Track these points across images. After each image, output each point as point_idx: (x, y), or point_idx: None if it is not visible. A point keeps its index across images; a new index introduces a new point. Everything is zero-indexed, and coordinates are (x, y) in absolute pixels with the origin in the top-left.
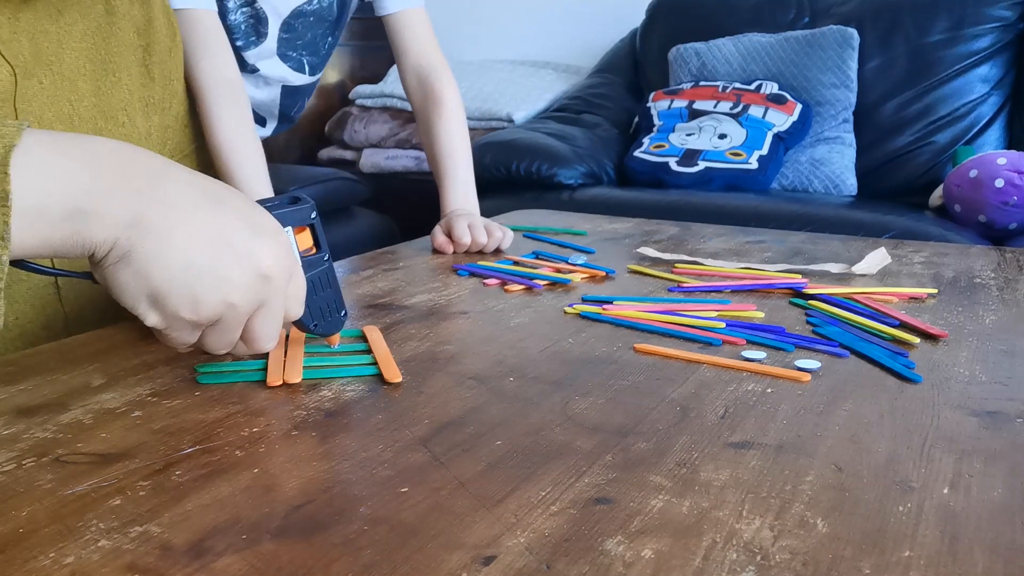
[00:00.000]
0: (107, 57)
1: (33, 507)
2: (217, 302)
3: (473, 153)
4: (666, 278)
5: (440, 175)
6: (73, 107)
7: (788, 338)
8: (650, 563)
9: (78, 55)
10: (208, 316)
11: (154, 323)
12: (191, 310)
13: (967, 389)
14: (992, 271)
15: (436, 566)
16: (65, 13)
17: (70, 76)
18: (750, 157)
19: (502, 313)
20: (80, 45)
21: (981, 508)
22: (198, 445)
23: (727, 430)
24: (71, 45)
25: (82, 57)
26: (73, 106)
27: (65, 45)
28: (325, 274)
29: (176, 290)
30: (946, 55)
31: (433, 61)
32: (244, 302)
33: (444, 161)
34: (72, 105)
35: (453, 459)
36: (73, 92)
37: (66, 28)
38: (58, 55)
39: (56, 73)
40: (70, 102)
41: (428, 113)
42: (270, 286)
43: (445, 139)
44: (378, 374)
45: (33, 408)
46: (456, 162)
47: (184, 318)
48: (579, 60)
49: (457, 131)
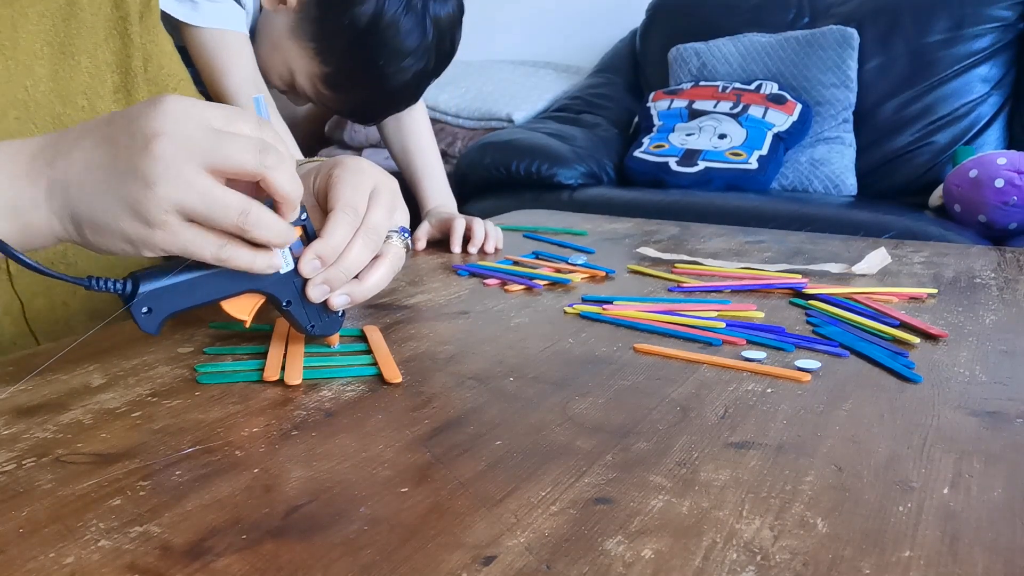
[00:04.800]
0: (66, 40)
1: (33, 507)
2: (145, 193)
3: (473, 153)
4: (666, 278)
5: (415, 171)
6: (29, 92)
7: (788, 338)
8: (650, 563)
9: (34, 38)
10: (159, 210)
11: (149, 255)
12: (141, 220)
13: (967, 389)
14: (992, 271)
15: (436, 566)
16: None
17: (25, 60)
18: (750, 157)
19: (502, 313)
20: (36, 28)
21: (981, 508)
22: (198, 445)
23: (727, 430)
24: (26, 28)
25: (39, 40)
26: (29, 91)
27: (20, 28)
28: None
29: (118, 213)
30: (946, 55)
31: None
32: (161, 170)
33: (419, 157)
34: (28, 91)
35: (453, 459)
36: (29, 76)
37: (20, 11)
38: (12, 39)
39: (10, 58)
40: (25, 87)
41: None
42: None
43: (417, 136)
44: (378, 374)
45: (33, 408)
46: (432, 158)
47: (144, 233)
48: (579, 60)
49: (426, 128)
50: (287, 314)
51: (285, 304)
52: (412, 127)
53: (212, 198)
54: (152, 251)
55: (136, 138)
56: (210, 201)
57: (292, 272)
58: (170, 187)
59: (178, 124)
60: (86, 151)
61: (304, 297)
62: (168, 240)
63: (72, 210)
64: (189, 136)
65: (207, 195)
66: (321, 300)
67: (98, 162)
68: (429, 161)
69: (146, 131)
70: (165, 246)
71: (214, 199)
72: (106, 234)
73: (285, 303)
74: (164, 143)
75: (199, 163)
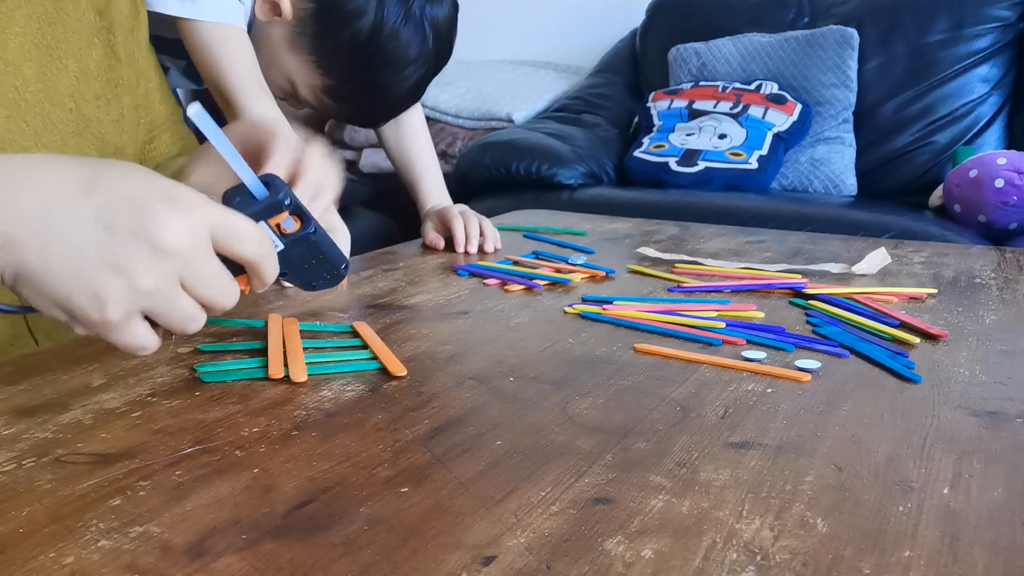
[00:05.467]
0: (53, 43)
1: (33, 507)
2: (122, 293)
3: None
4: (666, 278)
5: (414, 171)
6: (19, 92)
7: (788, 338)
8: (650, 563)
9: (23, 40)
10: (121, 309)
11: (82, 332)
12: (98, 310)
13: (967, 389)
14: (992, 271)
15: (436, 566)
16: None
17: (15, 61)
18: (750, 157)
19: (502, 313)
20: (24, 30)
21: (981, 508)
22: (198, 445)
23: (727, 430)
24: (14, 30)
25: (28, 42)
26: (19, 91)
27: (8, 30)
28: (314, 244)
29: (75, 294)
30: (946, 55)
31: None
32: (154, 283)
33: (418, 156)
34: (18, 91)
35: (453, 459)
36: (18, 77)
37: (8, 13)
38: (1, 40)
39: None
40: (15, 88)
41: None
42: (181, 258)
43: (415, 137)
44: (381, 368)
45: (33, 408)
46: (430, 159)
47: (96, 320)
48: (579, 60)
49: (423, 127)
50: (287, 280)
51: (282, 275)
52: (408, 128)
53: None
54: (86, 330)
55: (140, 239)
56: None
57: (283, 250)
58: (153, 298)
59: (189, 248)
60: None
61: (299, 268)
62: (113, 332)
63: (20, 268)
64: (190, 259)
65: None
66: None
67: (84, 239)
68: (426, 162)
69: (154, 239)
70: (106, 335)
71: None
72: (44, 299)
73: (281, 275)
74: (168, 265)
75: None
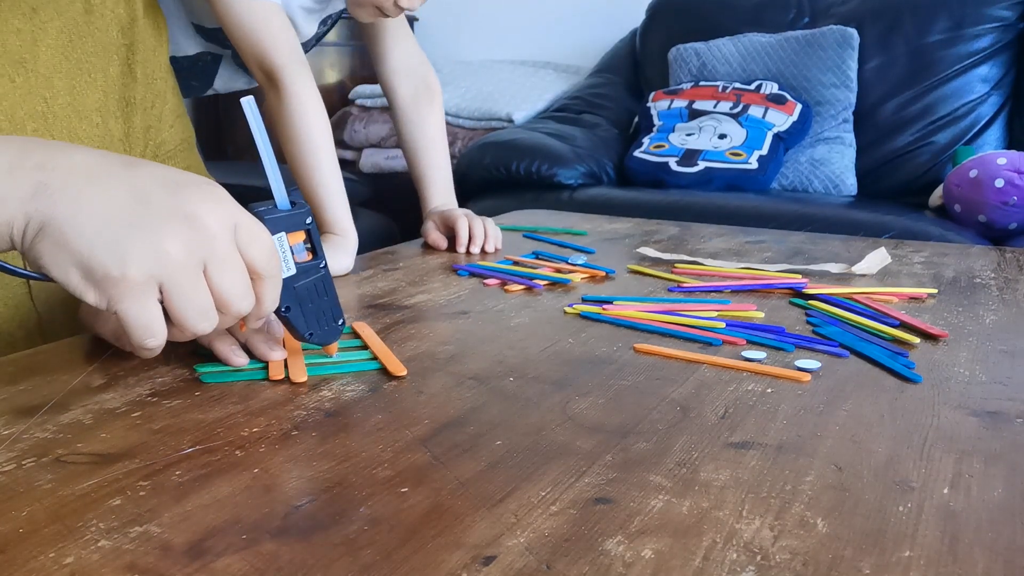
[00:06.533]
0: (83, 57)
1: (33, 507)
2: (147, 253)
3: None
4: (666, 278)
5: (424, 167)
6: (48, 105)
7: (788, 338)
8: (650, 563)
9: (54, 52)
10: (143, 270)
11: (93, 300)
12: (119, 265)
13: (967, 389)
14: (992, 271)
15: (436, 566)
16: (40, 11)
17: (46, 74)
18: (750, 157)
19: (502, 313)
20: (55, 43)
21: (981, 508)
22: (198, 445)
23: (727, 430)
24: (46, 43)
25: (58, 55)
26: (48, 104)
27: (40, 42)
28: (321, 281)
29: (99, 249)
30: (946, 55)
31: (422, 55)
32: (181, 253)
33: (431, 153)
34: (47, 103)
35: (453, 459)
36: (48, 89)
37: (40, 25)
38: (33, 52)
39: (31, 71)
40: (45, 100)
41: (421, 104)
42: (209, 236)
43: (434, 132)
44: (381, 368)
45: (33, 408)
46: (442, 156)
47: (115, 275)
48: (579, 60)
49: (442, 125)
50: (286, 320)
51: (284, 310)
52: (433, 121)
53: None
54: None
55: (174, 212)
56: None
57: (292, 278)
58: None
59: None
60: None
61: (303, 303)
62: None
63: (47, 218)
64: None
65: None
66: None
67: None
68: (440, 157)
69: (188, 211)
70: (119, 300)
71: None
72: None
73: (284, 309)
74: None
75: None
